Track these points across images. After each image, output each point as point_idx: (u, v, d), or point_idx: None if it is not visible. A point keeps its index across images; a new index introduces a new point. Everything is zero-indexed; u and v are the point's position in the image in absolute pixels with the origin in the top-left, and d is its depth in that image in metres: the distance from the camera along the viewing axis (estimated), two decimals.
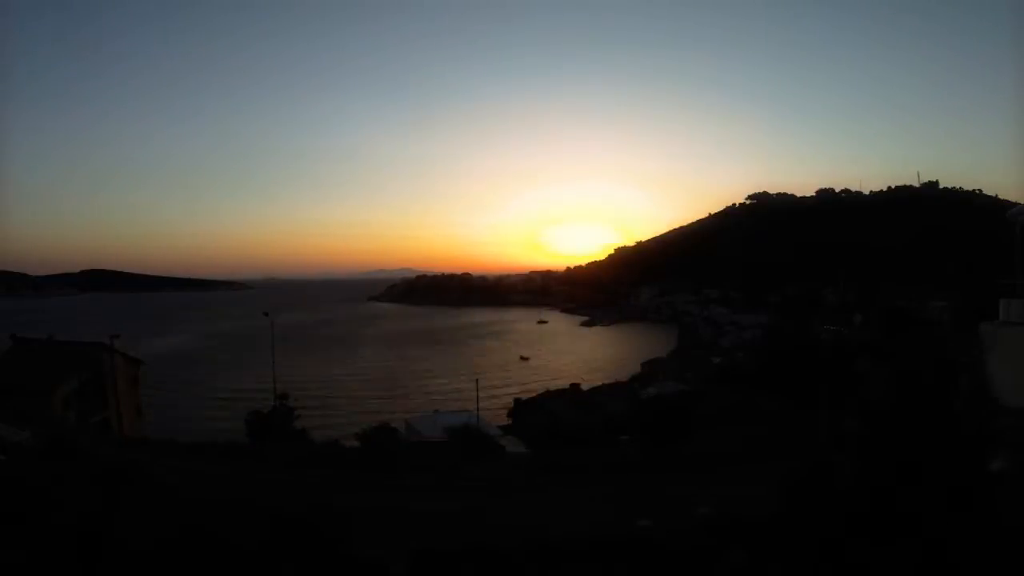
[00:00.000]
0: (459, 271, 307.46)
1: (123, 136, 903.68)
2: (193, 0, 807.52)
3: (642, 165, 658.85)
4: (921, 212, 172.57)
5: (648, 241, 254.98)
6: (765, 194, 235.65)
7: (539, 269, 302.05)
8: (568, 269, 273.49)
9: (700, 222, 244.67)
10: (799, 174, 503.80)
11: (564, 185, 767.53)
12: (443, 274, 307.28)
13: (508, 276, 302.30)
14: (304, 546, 8.51)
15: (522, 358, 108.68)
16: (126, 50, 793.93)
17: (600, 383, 72.41)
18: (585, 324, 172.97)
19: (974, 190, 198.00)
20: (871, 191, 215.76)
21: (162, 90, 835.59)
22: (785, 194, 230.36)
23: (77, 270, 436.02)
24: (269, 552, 8.25)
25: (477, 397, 48.35)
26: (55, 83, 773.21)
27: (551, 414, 47.18)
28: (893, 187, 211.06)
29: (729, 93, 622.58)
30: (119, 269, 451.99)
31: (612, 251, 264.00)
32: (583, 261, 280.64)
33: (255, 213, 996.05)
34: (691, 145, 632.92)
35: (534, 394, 64.07)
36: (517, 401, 60.53)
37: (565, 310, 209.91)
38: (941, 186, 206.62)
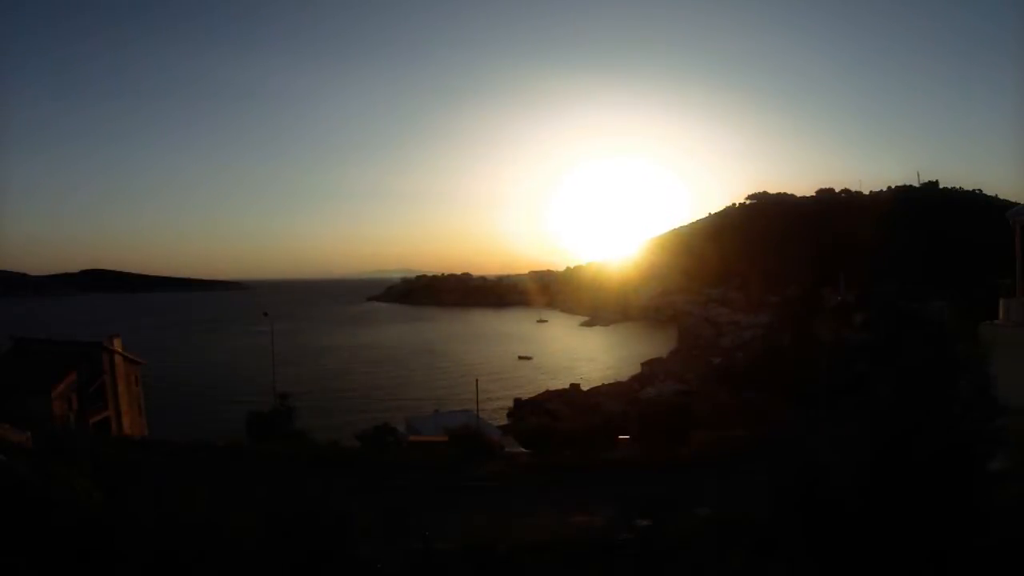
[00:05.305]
0: (459, 271, 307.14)
1: (123, 136, 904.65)
2: (194, 3, 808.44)
3: (643, 165, 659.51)
4: (921, 212, 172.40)
5: (648, 241, 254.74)
6: (765, 194, 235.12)
7: (539, 269, 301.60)
8: (568, 269, 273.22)
9: (700, 222, 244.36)
10: (799, 174, 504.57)
11: (564, 185, 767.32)
12: (443, 274, 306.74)
13: (508, 276, 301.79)
14: (302, 546, 8.50)
15: (522, 358, 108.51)
16: (126, 50, 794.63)
17: (600, 383, 72.34)
18: (585, 324, 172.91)
19: (974, 190, 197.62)
20: (871, 191, 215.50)
21: (162, 90, 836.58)
22: (785, 194, 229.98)
23: (77, 270, 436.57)
24: (267, 552, 8.24)
25: (477, 397, 48.29)
26: (56, 83, 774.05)
27: (551, 414, 47.19)
28: (893, 187, 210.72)
29: (729, 93, 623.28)
30: (119, 269, 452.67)
31: (612, 251, 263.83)
32: (583, 261, 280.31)
33: (255, 214, 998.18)
34: (691, 145, 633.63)
35: (534, 394, 64.08)
36: (517, 401, 60.57)
37: (565, 310, 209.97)
38: (941, 186, 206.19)
